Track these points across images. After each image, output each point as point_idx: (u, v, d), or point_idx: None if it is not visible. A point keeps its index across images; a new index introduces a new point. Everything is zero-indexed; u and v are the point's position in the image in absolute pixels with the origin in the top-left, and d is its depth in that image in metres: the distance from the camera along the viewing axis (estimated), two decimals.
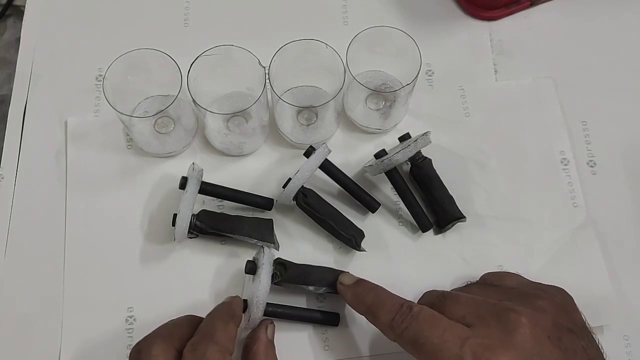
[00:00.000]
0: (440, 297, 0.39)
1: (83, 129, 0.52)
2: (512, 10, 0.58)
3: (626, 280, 0.48)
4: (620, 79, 0.55)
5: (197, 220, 0.46)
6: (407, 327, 0.37)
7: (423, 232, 0.48)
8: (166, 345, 0.38)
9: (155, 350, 0.38)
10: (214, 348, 0.38)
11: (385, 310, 0.39)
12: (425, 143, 0.47)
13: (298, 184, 0.46)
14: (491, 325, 0.36)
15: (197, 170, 0.46)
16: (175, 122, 0.51)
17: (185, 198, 0.45)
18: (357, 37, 0.48)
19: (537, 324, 0.35)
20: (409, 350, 0.37)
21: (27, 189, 0.50)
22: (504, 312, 0.36)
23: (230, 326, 0.40)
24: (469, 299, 0.38)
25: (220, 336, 0.39)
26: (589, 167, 0.52)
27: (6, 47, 0.59)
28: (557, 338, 0.35)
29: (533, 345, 0.35)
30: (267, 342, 0.42)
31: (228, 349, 0.39)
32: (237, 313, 0.42)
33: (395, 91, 0.49)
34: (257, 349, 0.41)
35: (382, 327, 0.39)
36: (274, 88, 0.47)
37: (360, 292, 0.42)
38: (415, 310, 0.38)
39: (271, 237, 0.47)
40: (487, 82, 0.55)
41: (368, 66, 0.53)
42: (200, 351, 0.37)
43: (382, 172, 0.48)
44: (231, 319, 0.41)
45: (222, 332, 0.39)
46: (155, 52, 0.47)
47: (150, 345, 0.38)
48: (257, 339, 0.42)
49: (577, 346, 0.36)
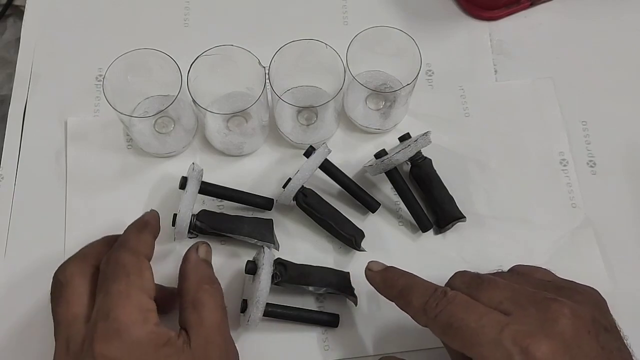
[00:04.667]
0: (476, 279, 0.38)
1: (83, 129, 0.52)
2: (512, 10, 0.58)
3: (625, 280, 0.48)
4: (620, 79, 0.55)
5: (197, 220, 0.46)
6: (442, 310, 0.36)
7: (423, 232, 0.48)
8: (81, 264, 0.39)
9: (70, 270, 0.38)
10: (127, 253, 0.38)
11: (418, 294, 0.38)
12: (425, 143, 0.47)
13: (298, 184, 0.46)
14: (531, 313, 0.35)
15: (197, 170, 0.46)
16: (175, 122, 0.51)
17: (185, 198, 0.45)
18: (357, 37, 0.48)
19: (578, 317, 0.34)
20: (442, 334, 0.36)
21: (27, 189, 0.50)
22: (545, 301, 0.35)
23: (145, 234, 0.41)
24: (507, 285, 0.37)
25: (133, 243, 0.39)
26: (588, 167, 0.52)
27: (6, 47, 0.59)
28: (596, 334, 0.34)
29: (573, 337, 0.34)
30: (196, 260, 0.41)
31: (143, 253, 0.39)
32: (150, 222, 0.42)
33: (395, 91, 0.49)
34: (185, 268, 0.41)
35: (414, 312, 0.38)
36: (274, 88, 0.47)
37: (390, 276, 0.41)
38: (450, 295, 0.37)
39: (271, 237, 0.47)
40: (487, 82, 0.55)
41: (368, 66, 0.53)
42: (114, 258, 0.38)
43: (382, 172, 0.48)
44: (144, 228, 0.41)
45: (135, 240, 0.40)
46: (155, 52, 0.47)
47: (64, 268, 0.39)
48: (186, 259, 0.42)
49: (612, 346, 0.35)
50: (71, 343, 0.36)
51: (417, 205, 0.48)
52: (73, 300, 0.37)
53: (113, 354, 0.34)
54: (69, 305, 0.37)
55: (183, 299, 0.39)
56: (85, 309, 0.37)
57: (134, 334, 0.35)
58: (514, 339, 0.33)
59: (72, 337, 0.36)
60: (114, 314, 0.35)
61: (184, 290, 0.40)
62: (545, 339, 0.33)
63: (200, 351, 0.36)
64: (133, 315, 0.35)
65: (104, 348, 0.34)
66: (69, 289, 0.38)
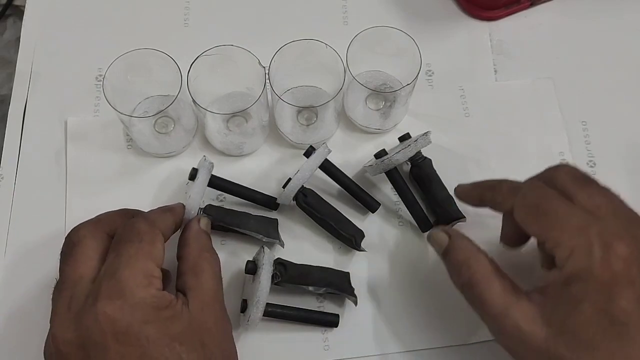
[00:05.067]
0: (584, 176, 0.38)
1: (83, 129, 0.52)
2: (512, 10, 0.58)
3: None
4: (620, 79, 0.55)
5: (204, 213, 0.46)
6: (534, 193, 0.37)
7: (423, 232, 0.48)
8: (94, 228, 0.40)
9: (83, 231, 0.39)
10: (145, 222, 0.39)
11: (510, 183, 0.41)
12: (425, 143, 0.47)
13: (298, 184, 0.46)
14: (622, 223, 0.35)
15: (208, 161, 0.46)
16: (175, 122, 0.51)
17: (196, 185, 0.44)
18: (357, 37, 0.48)
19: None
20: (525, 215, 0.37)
21: (27, 189, 0.50)
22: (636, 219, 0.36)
23: (167, 215, 0.42)
24: (610, 194, 0.38)
25: (154, 217, 0.41)
26: (588, 167, 0.52)
27: (6, 47, 0.59)
28: None
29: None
30: (198, 229, 0.43)
31: (159, 227, 0.40)
32: (176, 210, 0.43)
33: (395, 91, 0.49)
34: (187, 235, 0.42)
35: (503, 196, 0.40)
36: (274, 88, 0.47)
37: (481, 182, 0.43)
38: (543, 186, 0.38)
39: (276, 234, 0.47)
40: (487, 82, 0.55)
41: (368, 66, 0.53)
42: (131, 223, 0.39)
43: (382, 172, 0.48)
44: (169, 211, 0.42)
45: (156, 215, 0.41)
46: (155, 52, 0.47)
47: (78, 229, 0.40)
48: (188, 227, 0.43)
49: None
50: (74, 301, 0.36)
51: (417, 205, 0.48)
52: (81, 261, 0.38)
53: (114, 313, 0.35)
54: (77, 264, 0.38)
55: (183, 264, 0.40)
56: (92, 270, 0.38)
57: (136, 295, 0.35)
58: (599, 233, 0.34)
59: (76, 295, 0.36)
60: (119, 274, 0.36)
61: (184, 256, 0.41)
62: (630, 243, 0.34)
63: (197, 313, 0.37)
64: (138, 278, 0.36)
65: (107, 306, 0.35)
66: (79, 249, 0.38)
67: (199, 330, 0.37)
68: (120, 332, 0.34)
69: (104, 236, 0.40)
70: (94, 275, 0.37)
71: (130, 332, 0.34)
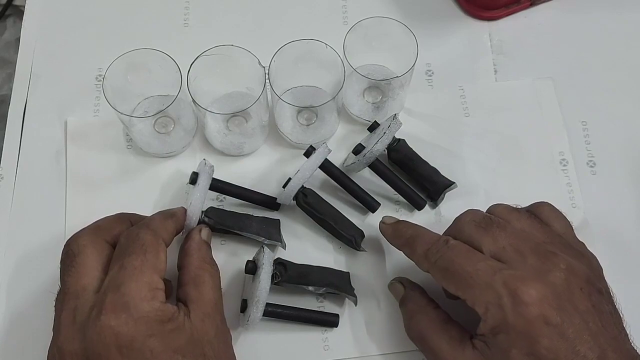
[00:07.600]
0: (486, 219, 0.40)
1: (83, 129, 0.52)
2: (512, 10, 0.58)
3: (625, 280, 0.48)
4: (620, 79, 0.55)
5: (206, 217, 0.46)
6: (442, 256, 0.38)
7: (419, 210, 0.49)
8: (94, 236, 0.40)
9: (83, 241, 0.39)
10: (148, 232, 0.39)
11: (423, 242, 0.41)
12: (398, 126, 0.48)
13: (298, 183, 0.46)
14: (528, 262, 0.36)
15: (208, 165, 0.46)
16: (175, 122, 0.51)
17: (196, 191, 0.44)
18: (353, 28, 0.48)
19: (573, 273, 0.36)
20: (440, 279, 0.39)
21: (27, 189, 0.50)
22: (545, 253, 0.37)
23: (169, 222, 0.42)
24: (514, 232, 0.39)
25: (156, 225, 0.41)
26: (588, 167, 0.52)
27: (6, 47, 0.59)
28: (589, 293, 0.36)
29: (565, 290, 0.35)
30: (199, 240, 0.43)
31: (162, 237, 0.40)
32: (177, 215, 0.43)
33: (392, 79, 0.49)
34: (189, 246, 0.42)
35: (417, 258, 0.41)
36: (274, 88, 0.47)
37: (401, 227, 0.44)
38: (451, 243, 0.39)
39: (278, 236, 0.47)
40: (487, 82, 0.55)
41: (366, 60, 0.52)
42: (135, 234, 0.39)
43: (366, 167, 0.48)
44: (170, 217, 0.43)
45: (158, 223, 0.41)
46: (155, 52, 0.47)
47: (77, 238, 0.40)
48: (189, 237, 0.43)
49: (604, 308, 0.36)
50: (78, 313, 0.36)
51: (407, 187, 0.49)
52: (84, 272, 0.38)
53: (119, 326, 0.35)
54: (79, 275, 0.38)
55: (184, 275, 0.41)
56: (95, 281, 0.38)
57: (141, 309, 0.36)
58: (504, 282, 0.35)
59: (80, 307, 0.36)
60: (125, 287, 0.36)
61: (185, 266, 0.41)
62: (536, 283, 0.35)
63: (199, 324, 0.38)
64: (143, 291, 0.36)
65: (111, 319, 0.35)
66: (80, 259, 0.38)
67: (201, 341, 0.37)
68: (124, 346, 0.34)
69: (104, 244, 0.40)
70: (97, 286, 0.37)
71: (135, 346, 0.35)
